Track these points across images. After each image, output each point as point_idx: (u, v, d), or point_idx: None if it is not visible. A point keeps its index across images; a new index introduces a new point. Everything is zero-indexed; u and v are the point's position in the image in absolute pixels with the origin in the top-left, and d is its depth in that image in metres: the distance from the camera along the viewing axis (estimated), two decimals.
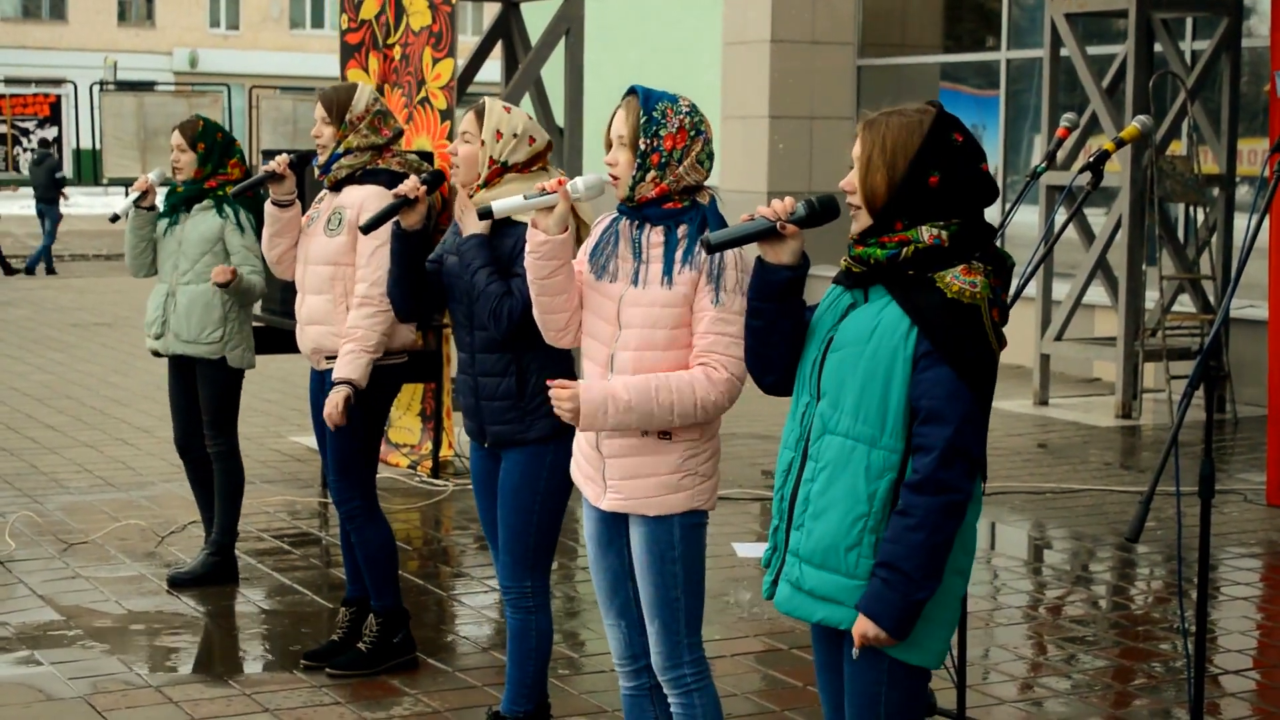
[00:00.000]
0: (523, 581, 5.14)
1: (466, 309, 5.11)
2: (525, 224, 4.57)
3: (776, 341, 3.67)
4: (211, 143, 7.09)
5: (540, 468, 5.04)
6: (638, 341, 4.19)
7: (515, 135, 5.10)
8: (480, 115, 5.12)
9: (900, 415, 3.48)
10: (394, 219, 5.27)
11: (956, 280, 3.47)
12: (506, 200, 4.37)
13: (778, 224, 3.59)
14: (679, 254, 4.17)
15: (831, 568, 3.54)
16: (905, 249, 3.48)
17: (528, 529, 5.08)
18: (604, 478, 4.29)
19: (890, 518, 3.48)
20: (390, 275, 5.26)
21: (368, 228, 5.45)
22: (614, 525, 4.36)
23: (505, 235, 5.01)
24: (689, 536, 4.26)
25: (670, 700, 4.36)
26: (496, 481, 5.17)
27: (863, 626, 3.48)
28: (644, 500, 4.23)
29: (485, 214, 4.36)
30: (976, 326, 3.46)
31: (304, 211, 6.23)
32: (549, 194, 4.25)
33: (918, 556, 3.43)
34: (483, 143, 5.08)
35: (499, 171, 5.10)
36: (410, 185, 5.21)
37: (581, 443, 4.38)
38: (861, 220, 3.54)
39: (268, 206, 6.15)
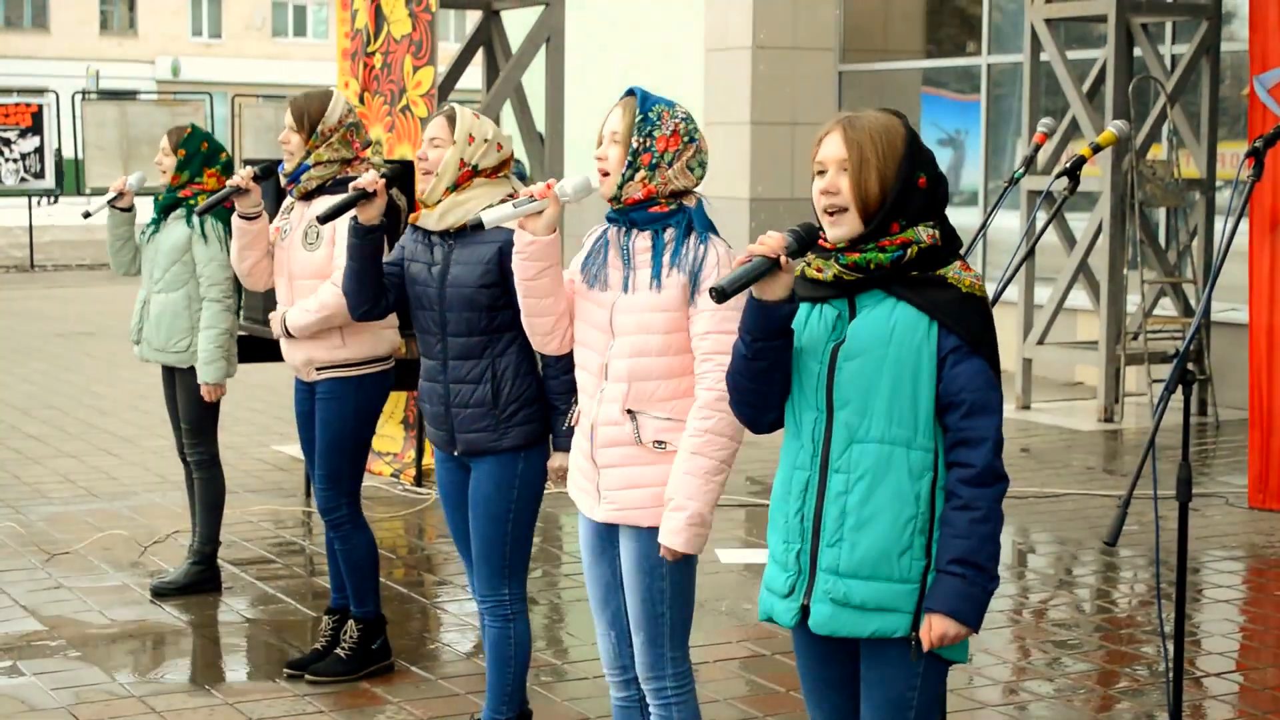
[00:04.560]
0: (499, 591, 5.14)
1: (438, 315, 5.09)
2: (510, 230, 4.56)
3: (778, 378, 3.59)
4: (193, 150, 7.08)
5: (512, 476, 5.04)
6: (632, 348, 4.19)
7: (486, 140, 5.10)
8: (451, 120, 5.11)
9: (930, 413, 3.48)
10: (352, 214, 5.23)
11: (965, 275, 3.50)
12: (496, 210, 4.36)
13: (780, 259, 3.47)
14: (666, 257, 4.17)
15: (884, 576, 3.50)
16: (909, 249, 3.47)
17: (502, 538, 5.08)
18: (599, 489, 4.28)
19: (949, 514, 3.46)
20: (346, 271, 5.19)
21: (324, 218, 5.39)
22: (607, 536, 4.36)
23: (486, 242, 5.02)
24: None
25: (650, 709, 4.37)
26: (464, 491, 5.16)
27: (943, 627, 3.45)
28: (638, 511, 4.22)
29: (476, 225, 4.38)
30: (989, 317, 3.51)
31: (271, 221, 6.22)
32: (538, 200, 4.26)
33: (989, 547, 3.45)
34: (454, 144, 5.08)
35: (469, 175, 5.10)
36: (369, 179, 5.15)
37: (577, 455, 4.37)
38: (848, 224, 3.49)
39: (235, 220, 6.13)
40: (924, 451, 3.49)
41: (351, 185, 5.19)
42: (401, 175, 5.39)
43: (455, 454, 5.13)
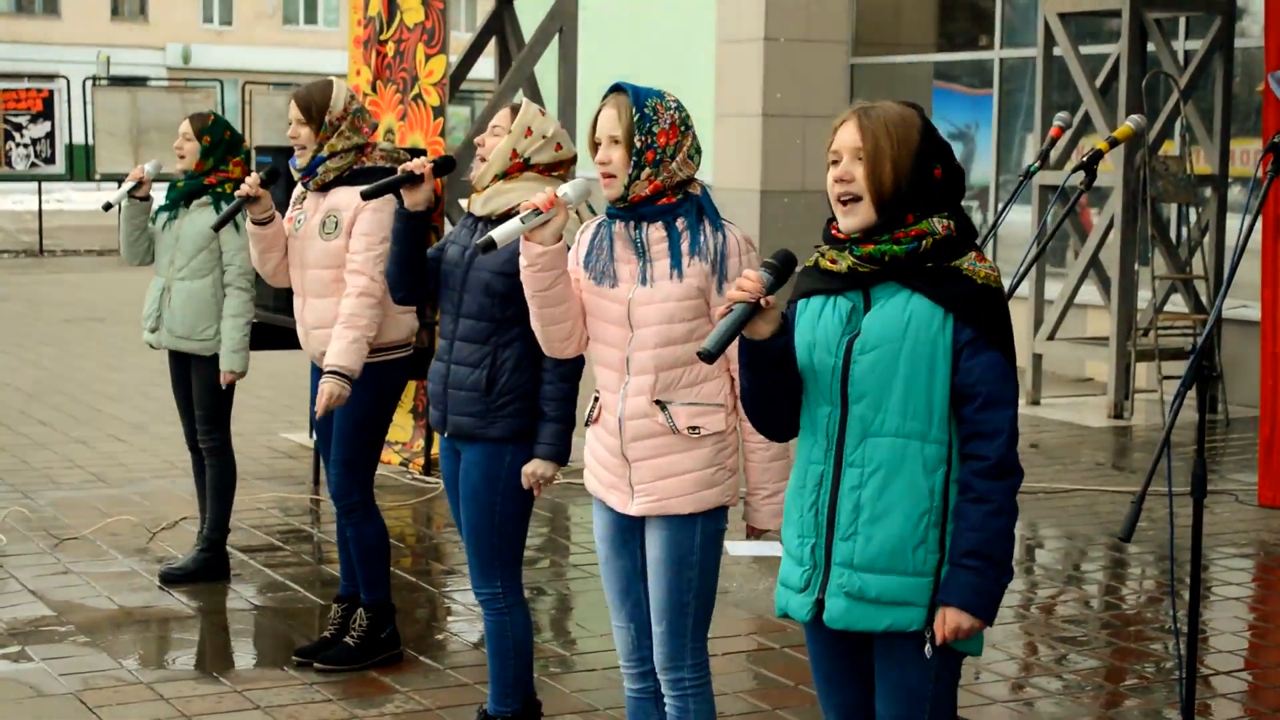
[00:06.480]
0: (493, 583, 5.14)
1: (457, 295, 5.11)
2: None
3: (784, 399, 3.59)
4: (218, 138, 7.07)
5: (499, 468, 5.03)
6: (656, 339, 4.18)
7: (545, 136, 5.08)
8: (515, 111, 5.11)
9: (945, 406, 3.46)
10: (398, 199, 5.26)
11: (980, 267, 3.48)
12: (505, 228, 4.27)
13: (761, 301, 3.44)
14: (685, 246, 4.16)
15: (899, 570, 3.49)
16: (924, 241, 3.46)
17: (490, 530, 5.08)
18: (631, 484, 4.26)
19: (963, 506, 3.46)
20: (391, 256, 5.24)
21: (369, 195, 5.40)
22: (630, 528, 4.35)
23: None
24: (709, 543, 4.27)
25: (666, 700, 4.36)
26: None
27: (955, 620, 3.45)
28: (678, 499, 4.22)
29: (489, 246, 4.22)
30: (1005, 310, 3.50)
31: (284, 215, 6.19)
32: (545, 212, 4.17)
33: (1003, 541, 3.45)
34: (510, 133, 5.07)
35: (520, 167, 5.07)
36: (419, 163, 5.19)
37: (600, 451, 4.34)
38: (862, 214, 3.48)
39: (249, 226, 6.09)
40: (938, 445, 3.48)
41: (401, 168, 5.22)
42: (447, 166, 5.40)
43: (445, 435, 5.15)
